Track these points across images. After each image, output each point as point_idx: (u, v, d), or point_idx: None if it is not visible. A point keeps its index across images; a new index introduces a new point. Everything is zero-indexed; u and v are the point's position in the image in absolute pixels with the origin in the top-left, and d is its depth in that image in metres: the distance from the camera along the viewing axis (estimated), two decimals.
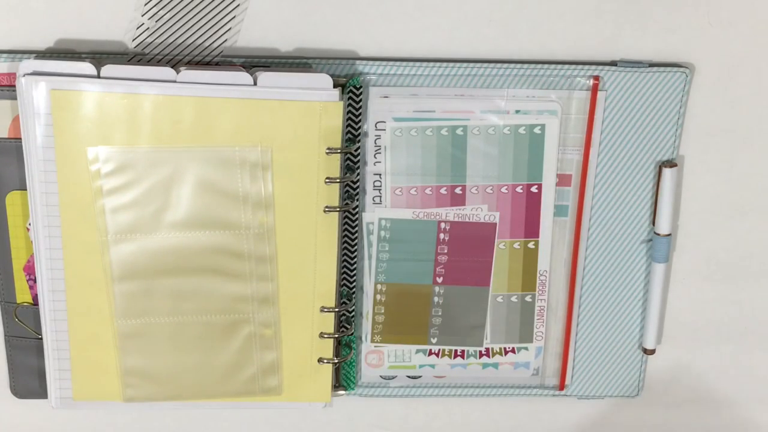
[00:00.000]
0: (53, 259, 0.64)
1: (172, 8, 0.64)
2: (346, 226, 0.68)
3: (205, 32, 0.65)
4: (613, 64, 0.67)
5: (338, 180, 0.65)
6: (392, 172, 0.68)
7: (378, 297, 0.70)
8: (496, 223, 0.69)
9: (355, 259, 0.69)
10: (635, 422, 0.77)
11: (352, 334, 0.70)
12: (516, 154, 0.68)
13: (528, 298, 0.71)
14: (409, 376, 0.74)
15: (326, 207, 0.65)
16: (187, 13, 0.64)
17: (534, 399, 0.75)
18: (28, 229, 0.67)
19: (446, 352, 0.73)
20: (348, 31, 0.65)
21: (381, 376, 0.73)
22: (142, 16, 0.64)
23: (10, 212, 0.66)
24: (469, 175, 0.68)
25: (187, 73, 0.62)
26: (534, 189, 0.69)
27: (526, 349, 0.73)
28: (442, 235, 0.69)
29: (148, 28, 0.64)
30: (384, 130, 0.67)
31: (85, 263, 0.65)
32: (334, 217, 0.66)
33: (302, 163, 0.64)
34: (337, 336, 0.69)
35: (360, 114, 0.66)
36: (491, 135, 0.67)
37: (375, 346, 0.72)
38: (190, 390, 0.68)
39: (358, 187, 0.67)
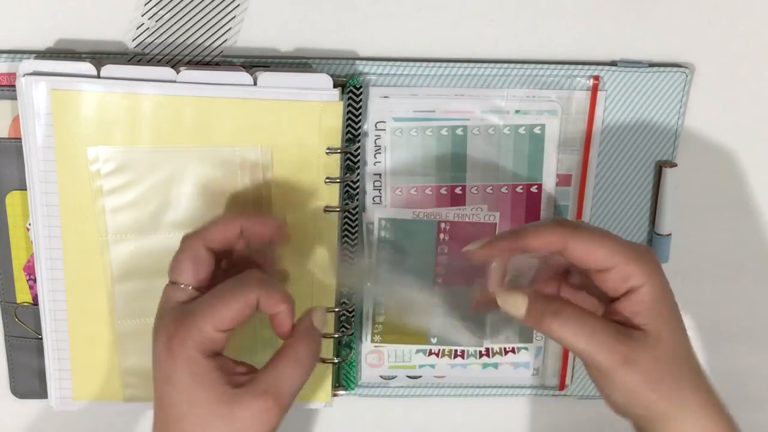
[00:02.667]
0: (53, 259, 0.64)
1: (172, 8, 0.64)
2: (346, 226, 0.68)
3: (205, 32, 0.65)
4: (613, 64, 0.67)
5: (338, 180, 0.65)
6: (392, 172, 0.68)
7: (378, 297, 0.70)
8: (496, 223, 0.69)
9: (355, 259, 0.69)
10: None
11: (352, 334, 0.70)
12: (516, 154, 0.68)
13: None
14: (409, 376, 0.74)
15: (326, 207, 0.65)
16: (187, 13, 0.64)
17: (534, 399, 0.75)
18: (28, 229, 0.67)
19: (446, 352, 0.73)
20: (348, 31, 0.65)
21: (381, 376, 0.74)
22: (142, 16, 0.64)
23: (10, 212, 0.66)
24: (469, 176, 0.68)
25: (187, 73, 0.62)
26: (534, 189, 0.69)
27: (526, 349, 0.73)
28: (442, 235, 0.69)
29: (148, 28, 0.64)
30: (384, 130, 0.67)
31: (85, 263, 0.65)
32: (334, 217, 0.66)
33: (302, 163, 0.64)
34: (337, 336, 0.69)
35: (360, 114, 0.66)
36: (491, 135, 0.67)
37: (375, 346, 0.72)
38: None
39: (358, 187, 0.67)
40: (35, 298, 0.68)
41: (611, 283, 0.55)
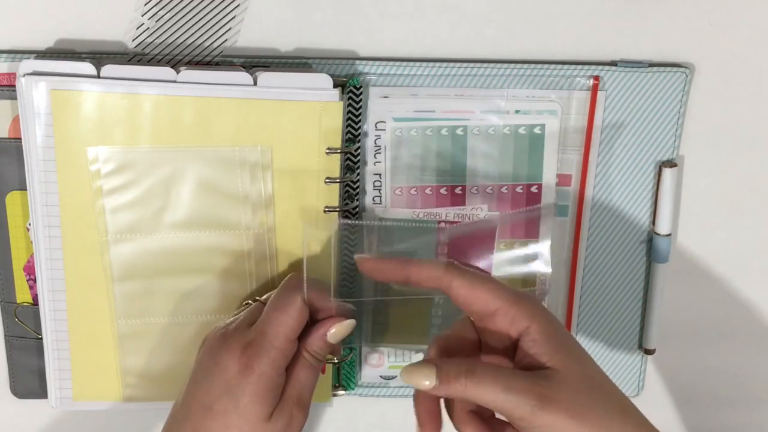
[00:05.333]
0: (53, 259, 0.64)
1: (172, 8, 0.64)
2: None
3: (205, 32, 0.65)
4: (613, 64, 0.67)
5: (338, 180, 0.65)
6: (392, 172, 0.68)
7: (378, 297, 0.70)
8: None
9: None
10: None
11: (352, 334, 0.70)
12: (516, 154, 0.68)
13: None
14: None
15: (326, 207, 0.65)
16: (187, 13, 0.64)
17: None
18: (28, 229, 0.67)
19: None
20: (348, 31, 0.65)
21: (381, 376, 0.73)
22: (142, 16, 0.64)
23: (10, 212, 0.66)
24: (469, 175, 0.68)
25: (187, 73, 0.62)
26: (534, 189, 0.69)
27: None
28: (442, 236, 0.69)
29: (148, 28, 0.64)
30: (384, 130, 0.67)
31: (85, 263, 0.65)
32: (334, 217, 0.66)
33: (302, 163, 0.64)
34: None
35: (360, 114, 0.66)
36: (491, 135, 0.67)
37: (375, 347, 0.72)
38: None
39: (358, 187, 0.67)
40: (35, 298, 0.68)
41: (500, 326, 0.56)
